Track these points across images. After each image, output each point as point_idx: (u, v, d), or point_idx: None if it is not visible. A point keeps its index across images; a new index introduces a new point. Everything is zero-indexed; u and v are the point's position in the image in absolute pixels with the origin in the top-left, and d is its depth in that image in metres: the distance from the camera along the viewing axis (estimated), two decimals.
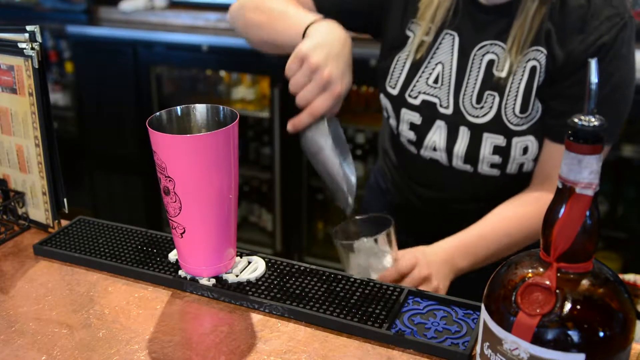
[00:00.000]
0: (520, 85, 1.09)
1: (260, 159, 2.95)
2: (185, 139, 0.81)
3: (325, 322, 0.81)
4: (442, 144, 1.16)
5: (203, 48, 2.66)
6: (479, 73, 1.12)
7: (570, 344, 0.54)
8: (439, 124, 1.15)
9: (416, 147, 1.20)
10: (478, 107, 1.12)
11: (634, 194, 2.48)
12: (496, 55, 1.10)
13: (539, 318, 0.55)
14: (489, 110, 1.11)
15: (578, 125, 0.54)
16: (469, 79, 1.12)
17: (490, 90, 1.11)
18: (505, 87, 1.10)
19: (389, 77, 1.20)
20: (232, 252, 0.91)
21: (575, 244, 0.56)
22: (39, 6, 3.03)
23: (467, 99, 1.13)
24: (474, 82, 1.12)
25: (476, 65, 1.12)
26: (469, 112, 1.12)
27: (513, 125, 1.10)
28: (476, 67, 1.12)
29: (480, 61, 1.11)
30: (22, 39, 0.94)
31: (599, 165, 0.54)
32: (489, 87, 1.11)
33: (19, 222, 1.06)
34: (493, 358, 0.59)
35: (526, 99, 1.09)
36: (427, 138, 1.17)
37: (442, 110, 1.15)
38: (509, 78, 1.09)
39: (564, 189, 0.55)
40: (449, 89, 1.14)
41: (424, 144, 1.18)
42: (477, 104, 1.12)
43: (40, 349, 0.78)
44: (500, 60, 1.10)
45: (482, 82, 1.11)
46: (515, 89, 1.09)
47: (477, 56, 1.12)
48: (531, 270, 0.58)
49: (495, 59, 1.10)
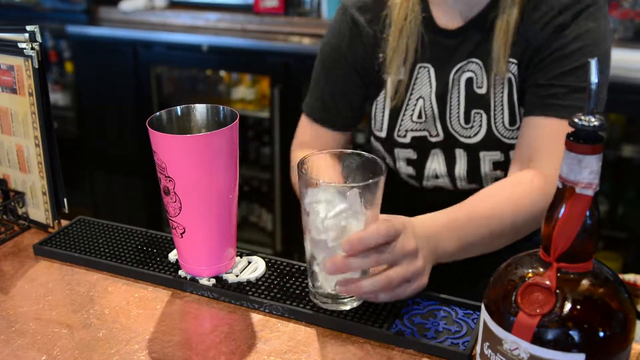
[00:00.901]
0: (503, 97, 1.08)
1: (260, 159, 2.95)
2: (185, 139, 0.81)
3: (325, 322, 0.81)
4: (442, 169, 1.14)
5: (203, 48, 2.66)
6: (460, 93, 1.11)
7: (570, 344, 0.54)
8: (434, 152, 1.14)
9: (417, 180, 1.18)
10: (468, 127, 1.11)
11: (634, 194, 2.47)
12: (473, 72, 1.10)
13: (539, 318, 0.55)
14: (479, 129, 1.10)
15: (578, 125, 0.54)
16: (451, 103, 1.11)
17: (476, 108, 1.10)
18: (489, 102, 1.09)
19: (373, 122, 1.19)
20: (232, 252, 0.91)
21: (575, 244, 0.56)
22: (39, 6, 3.03)
23: (455, 121, 1.11)
24: (457, 103, 1.11)
25: (455, 87, 1.11)
26: (460, 133, 1.11)
27: (507, 139, 1.09)
28: (456, 89, 1.11)
29: (459, 82, 1.10)
30: (22, 39, 0.94)
31: (599, 165, 0.54)
32: (474, 106, 1.10)
33: (19, 222, 1.06)
34: (493, 358, 0.59)
35: (512, 111, 1.08)
36: (427, 168, 1.16)
37: (434, 139, 1.13)
38: (490, 93, 1.08)
39: (564, 188, 0.55)
40: (435, 119, 1.13)
41: (425, 175, 1.16)
42: (466, 124, 1.11)
43: (40, 349, 0.78)
44: (478, 77, 1.09)
45: (466, 101, 1.10)
46: (499, 102, 1.08)
47: (455, 79, 1.11)
48: (531, 270, 0.58)
49: (473, 76, 1.10)
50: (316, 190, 0.79)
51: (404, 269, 0.79)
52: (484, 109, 1.09)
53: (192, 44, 2.69)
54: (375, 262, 0.78)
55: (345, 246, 0.76)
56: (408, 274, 0.80)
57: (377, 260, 0.78)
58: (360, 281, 0.79)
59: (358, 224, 0.79)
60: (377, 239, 0.77)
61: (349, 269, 0.78)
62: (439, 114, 1.12)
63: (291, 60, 2.47)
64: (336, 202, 0.78)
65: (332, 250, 0.80)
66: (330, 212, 0.78)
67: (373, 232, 0.77)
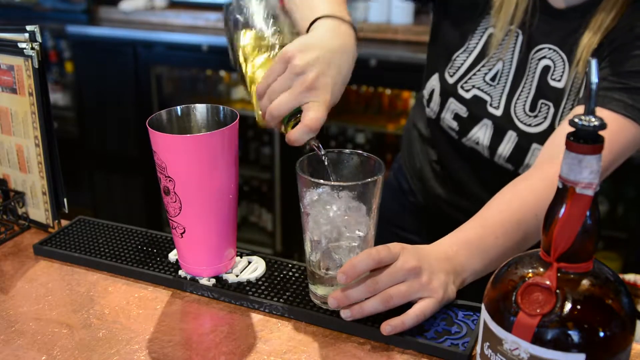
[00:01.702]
0: (577, 98, 1.03)
1: (260, 159, 2.95)
2: (185, 139, 0.81)
3: (325, 322, 0.81)
4: (485, 141, 1.11)
5: (203, 48, 2.66)
6: (534, 79, 1.06)
7: (570, 344, 0.54)
8: (485, 122, 1.10)
9: (458, 135, 1.14)
10: (532, 116, 1.06)
11: (634, 194, 2.47)
12: (552, 61, 1.05)
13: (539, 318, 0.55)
14: (543, 121, 1.05)
15: (579, 125, 0.54)
16: (524, 84, 1.07)
17: (544, 99, 1.05)
18: (561, 98, 1.04)
19: (450, 63, 1.13)
20: (232, 252, 0.91)
21: (575, 243, 0.55)
22: (39, 6, 3.03)
23: (520, 104, 1.07)
24: (529, 87, 1.07)
25: (532, 69, 1.06)
26: (520, 118, 1.07)
27: None
28: (532, 72, 1.06)
29: (536, 66, 1.06)
30: (22, 39, 0.94)
31: (599, 165, 0.54)
32: (543, 96, 1.06)
33: (19, 222, 1.06)
34: (493, 358, 0.59)
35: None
36: (471, 132, 1.12)
37: (492, 110, 1.09)
38: (566, 90, 1.03)
39: (564, 189, 0.55)
40: (504, 90, 1.09)
41: (467, 136, 1.13)
42: (531, 112, 1.06)
43: (40, 349, 0.78)
44: (556, 68, 1.04)
45: (537, 89, 1.06)
46: (571, 102, 1.03)
47: (534, 60, 1.06)
48: (531, 270, 0.58)
49: (551, 65, 1.05)
50: (315, 190, 0.79)
51: (405, 285, 0.79)
52: (554, 103, 1.04)
53: (192, 44, 2.69)
54: (374, 287, 0.78)
55: (340, 278, 0.77)
56: (411, 291, 0.79)
57: (376, 285, 0.78)
58: (362, 305, 0.79)
59: (357, 223, 0.79)
60: (368, 263, 0.77)
61: (350, 301, 0.79)
62: (510, 87, 1.08)
63: None
64: (335, 201, 0.78)
65: (330, 251, 0.80)
66: (330, 212, 0.78)
67: (364, 256, 0.77)
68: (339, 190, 0.78)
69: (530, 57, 1.07)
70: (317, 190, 0.78)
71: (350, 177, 0.84)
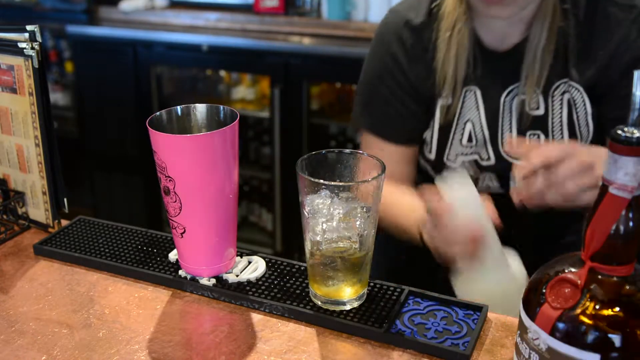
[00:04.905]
0: (562, 119, 1.06)
1: (260, 159, 2.95)
2: (185, 139, 0.81)
3: (325, 322, 0.81)
4: (496, 186, 1.13)
5: (203, 48, 2.66)
6: (512, 117, 1.09)
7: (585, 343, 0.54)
8: (485, 175, 1.13)
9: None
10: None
11: None
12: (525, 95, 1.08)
13: (561, 312, 0.55)
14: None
15: (621, 138, 0.53)
16: (503, 127, 1.10)
17: (531, 130, 1.08)
18: (546, 124, 1.07)
19: (424, 144, 1.18)
20: (232, 252, 0.91)
21: (608, 244, 0.55)
22: (39, 6, 3.03)
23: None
24: (509, 127, 1.10)
25: (507, 111, 1.09)
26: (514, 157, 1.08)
27: None
28: (507, 113, 1.09)
29: (511, 106, 1.09)
30: (22, 38, 0.94)
31: (637, 169, 0.53)
32: (529, 128, 1.08)
33: (19, 222, 1.06)
34: (521, 346, 0.61)
35: (572, 131, 1.06)
36: (479, 186, 1.14)
37: (485, 163, 1.12)
38: (548, 114, 1.06)
39: (603, 187, 0.55)
40: (485, 143, 1.11)
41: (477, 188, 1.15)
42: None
43: (40, 349, 0.78)
44: (532, 98, 1.07)
45: (519, 124, 1.09)
46: (557, 123, 1.07)
47: (507, 102, 1.09)
48: (568, 266, 0.58)
49: (525, 98, 1.08)
50: (316, 190, 0.78)
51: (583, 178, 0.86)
52: (542, 129, 1.08)
53: (192, 43, 2.69)
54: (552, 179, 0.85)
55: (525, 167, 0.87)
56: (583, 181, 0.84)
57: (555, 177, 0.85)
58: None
59: (359, 223, 0.79)
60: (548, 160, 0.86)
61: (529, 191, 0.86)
62: (490, 137, 1.11)
63: (291, 60, 2.47)
64: (337, 202, 0.78)
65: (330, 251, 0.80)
66: (330, 212, 0.78)
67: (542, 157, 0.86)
68: (339, 190, 0.78)
69: (502, 102, 1.09)
70: (317, 190, 0.78)
71: (350, 177, 0.84)
